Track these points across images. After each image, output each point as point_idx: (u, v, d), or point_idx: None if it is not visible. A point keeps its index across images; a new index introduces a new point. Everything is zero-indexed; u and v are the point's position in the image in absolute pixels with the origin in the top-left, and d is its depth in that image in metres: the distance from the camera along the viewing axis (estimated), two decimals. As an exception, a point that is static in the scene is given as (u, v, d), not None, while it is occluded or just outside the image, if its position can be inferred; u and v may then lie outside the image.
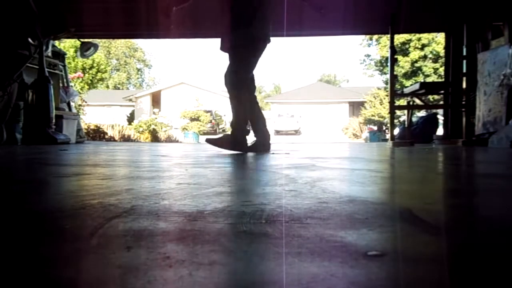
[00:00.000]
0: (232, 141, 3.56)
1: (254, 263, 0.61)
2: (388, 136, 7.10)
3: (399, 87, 14.40)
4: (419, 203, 1.15)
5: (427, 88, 6.35)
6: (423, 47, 22.85)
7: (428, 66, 22.87)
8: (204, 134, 24.43)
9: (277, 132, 30.63)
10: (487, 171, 2.32)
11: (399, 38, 21.22)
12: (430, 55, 22.91)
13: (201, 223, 0.86)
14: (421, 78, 21.90)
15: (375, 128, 21.74)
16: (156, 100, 31.78)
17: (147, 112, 26.47)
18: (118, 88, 46.31)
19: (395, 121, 8.32)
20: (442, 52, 13.20)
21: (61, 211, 1.02)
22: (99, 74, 22.58)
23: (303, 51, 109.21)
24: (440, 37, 19.11)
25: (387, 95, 17.43)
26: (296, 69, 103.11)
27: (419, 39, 22.64)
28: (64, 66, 6.70)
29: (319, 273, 0.57)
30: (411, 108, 6.99)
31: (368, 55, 27.33)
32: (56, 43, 6.69)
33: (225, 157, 3.12)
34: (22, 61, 4.98)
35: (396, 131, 7.54)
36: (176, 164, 2.58)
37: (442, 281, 0.57)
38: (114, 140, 12.89)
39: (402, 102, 10.44)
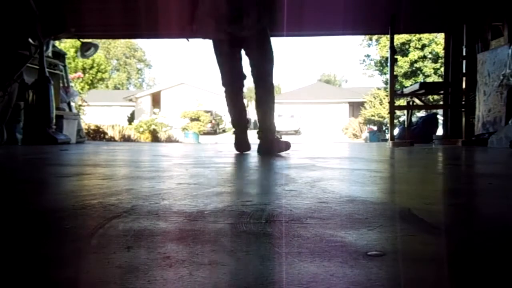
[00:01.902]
0: (278, 142, 3.43)
1: (254, 263, 0.62)
2: (387, 136, 7.10)
3: (399, 87, 14.40)
4: (419, 203, 1.15)
5: (427, 88, 6.35)
6: (423, 47, 22.85)
7: (428, 67, 22.87)
8: (204, 134, 24.46)
9: (277, 132, 30.56)
10: (487, 171, 2.32)
11: (399, 39, 21.21)
12: (430, 56, 22.90)
13: (201, 223, 0.87)
14: (421, 78, 21.90)
15: (375, 128, 21.76)
16: (156, 100, 31.77)
17: (147, 112, 26.46)
18: (118, 88, 46.32)
19: (395, 121, 8.31)
20: (442, 52, 13.21)
21: (62, 211, 1.03)
22: (99, 74, 22.61)
23: (303, 51, 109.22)
24: (440, 37, 19.11)
25: (387, 95, 17.44)
26: (296, 69, 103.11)
27: (419, 39, 22.63)
28: (65, 66, 6.70)
29: (319, 273, 0.57)
30: (411, 108, 6.99)
31: (368, 55, 27.31)
32: (57, 43, 6.69)
33: (225, 157, 3.12)
34: (23, 61, 4.98)
35: (396, 131, 7.54)
36: (176, 164, 2.58)
37: (441, 281, 0.57)
38: (115, 140, 12.90)
39: (402, 102, 10.45)
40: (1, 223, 0.92)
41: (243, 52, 3.37)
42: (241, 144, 3.49)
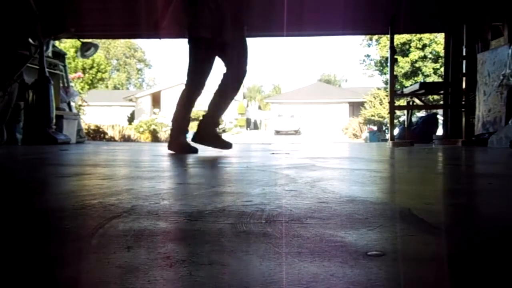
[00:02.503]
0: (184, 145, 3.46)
1: (254, 263, 0.62)
2: (387, 136, 7.10)
3: (399, 87, 14.40)
4: (419, 203, 1.15)
5: (427, 88, 6.35)
6: (423, 47, 22.84)
7: (428, 66, 22.86)
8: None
9: (277, 132, 30.68)
10: (487, 171, 2.32)
11: (400, 38, 21.19)
12: (430, 55, 22.89)
13: (201, 223, 0.87)
14: (421, 78, 21.89)
15: (375, 128, 21.76)
16: (156, 100, 31.76)
17: (147, 112, 26.47)
18: (118, 88, 46.34)
19: (395, 121, 8.31)
20: (442, 52, 13.21)
21: (62, 211, 1.03)
22: (99, 74, 22.62)
23: (303, 51, 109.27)
24: (440, 37, 19.10)
25: (387, 95, 17.43)
26: (296, 69, 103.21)
27: (420, 39, 22.62)
28: (65, 66, 6.70)
29: (319, 273, 0.57)
30: (411, 108, 6.99)
31: (368, 55, 27.29)
32: (57, 43, 6.69)
33: (225, 157, 3.12)
34: (23, 61, 4.98)
35: (396, 131, 7.54)
36: (176, 164, 2.58)
37: (442, 281, 0.57)
38: (115, 140, 12.90)
39: (402, 102, 10.45)
40: (1, 223, 0.92)
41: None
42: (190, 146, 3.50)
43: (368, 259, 0.63)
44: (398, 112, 10.26)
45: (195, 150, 3.39)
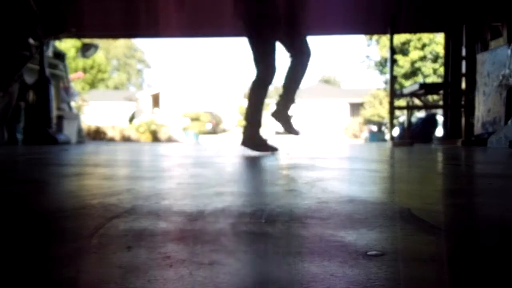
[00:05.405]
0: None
1: (254, 263, 0.62)
2: (387, 136, 7.10)
3: (398, 87, 14.40)
4: (419, 203, 1.15)
5: (427, 88, 6.37)
6: (423, 47, 22.84)
7: (427, 66, 22.87)
8: (205, 134, 24.49)
9: (277, 133, 30.70)
10: (486, 171, 2.32)
11: (399, 38, 21.21)
12: (430, 56, 22.90)
13: (201, 223, 0.87)
14: (420, 78, 21.90)
15: (375, 128, 21.77)
16: (156, 100, 31.79)
17: (148, 112, 26.50)
18: (118, 88, 46.37)
19: (395, 121, 8.31)
20: (441, 52, 13.21)
21: (62, 211, 1.03)
22: (99, 74, 22.66)
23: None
24: (440, 37, 19.10)
25: (386, 96, 17.44)
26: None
27: (419, 39, 22.64)
28: (65, 66, 6.71)
29: (319, 273, 0.57)
30: (410, 108, 7.00)
31: (368, 56, 27.32)
32: (57, 43, 6.69)
33: (225, 157, 3.12)
34: (23, 61, 4.98)
35: (396, 131, 7.54)
36: (176, 164, 2.59)
37: (441, 281, 0.57)
38: (115, 140, 12.90)
39: (402, 102, 10.45)
40: (0, 224, 0.92)
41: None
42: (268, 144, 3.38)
43: (368, 259, 0.63)
44: (397, 113, 10.27)
45: (275, 149, 3.28)
